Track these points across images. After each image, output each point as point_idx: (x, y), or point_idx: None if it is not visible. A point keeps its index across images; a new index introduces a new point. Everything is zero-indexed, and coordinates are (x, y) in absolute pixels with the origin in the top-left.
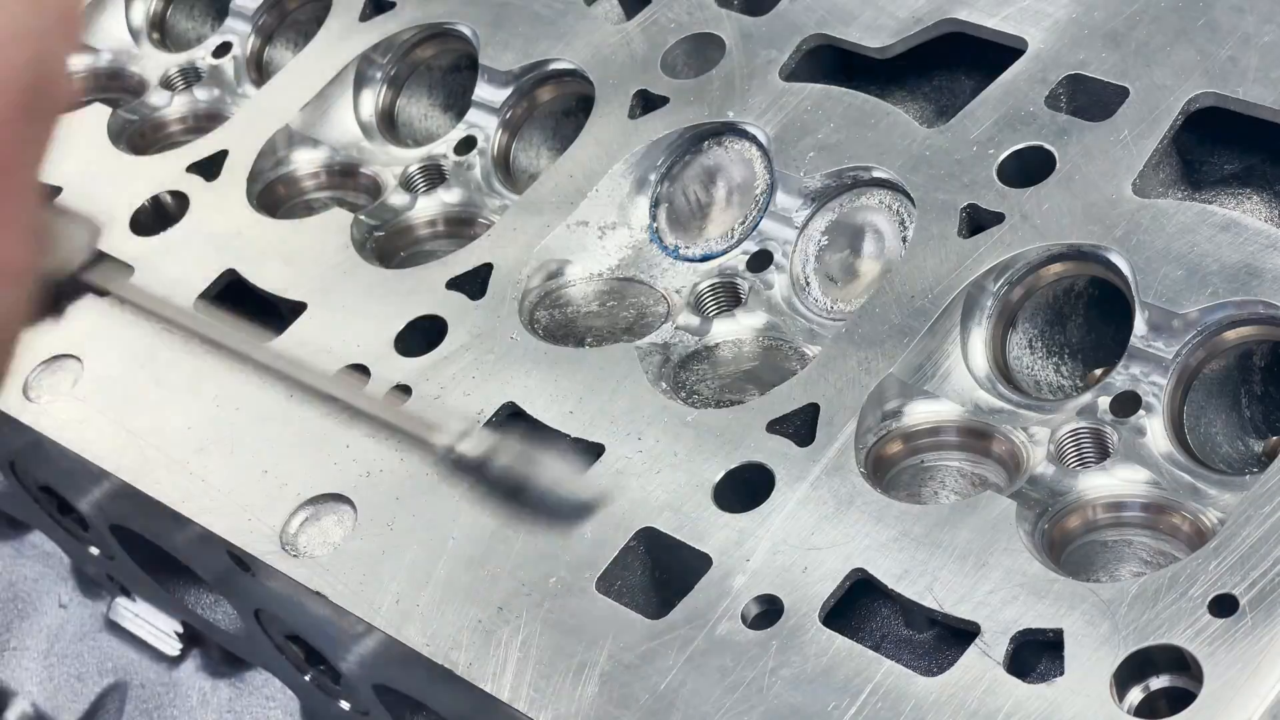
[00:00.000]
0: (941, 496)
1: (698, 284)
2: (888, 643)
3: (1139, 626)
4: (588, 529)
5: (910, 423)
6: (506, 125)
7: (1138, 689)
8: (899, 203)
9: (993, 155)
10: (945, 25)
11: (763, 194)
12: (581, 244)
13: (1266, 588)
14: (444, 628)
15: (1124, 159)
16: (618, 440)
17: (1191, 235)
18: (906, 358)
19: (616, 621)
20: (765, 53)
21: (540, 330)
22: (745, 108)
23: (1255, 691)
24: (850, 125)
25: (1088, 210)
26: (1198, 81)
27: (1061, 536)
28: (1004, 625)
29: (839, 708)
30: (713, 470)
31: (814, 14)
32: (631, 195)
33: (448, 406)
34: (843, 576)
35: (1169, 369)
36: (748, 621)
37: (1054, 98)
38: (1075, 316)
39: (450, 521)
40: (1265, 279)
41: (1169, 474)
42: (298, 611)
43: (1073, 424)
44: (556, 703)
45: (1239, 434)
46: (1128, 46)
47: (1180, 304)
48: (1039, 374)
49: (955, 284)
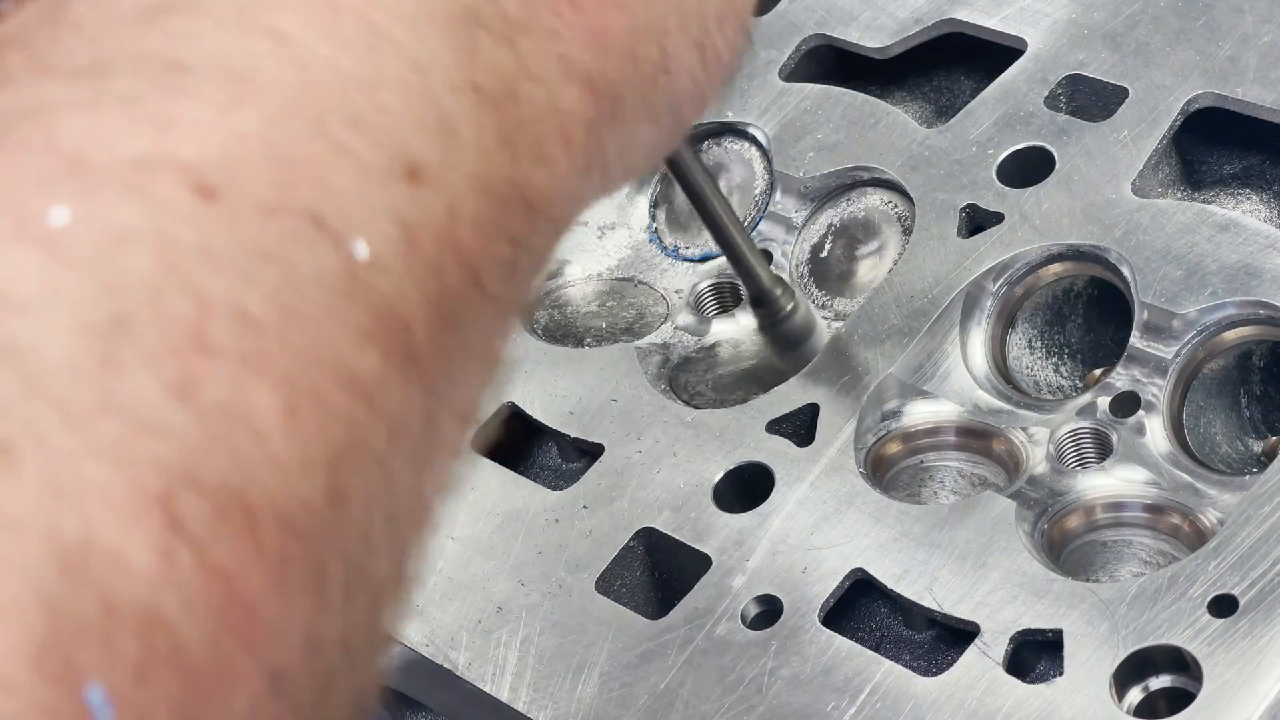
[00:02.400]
0: (941, 496)
1: (697, 284)
2: (887, 643)
3: (1138, 626)
4: (588, 528)
5: (910, 423)
6: None
7: (1137, 689)
8: (898, 203)
9: (992, 155)
10: (945, 25)
11: (762, 194)
12: (581, 244)
13: (1266, 588)
14: (443, 627)
15: (1123, 159)
16: (618, 440)
17: (1191, 235)
18: (906, 358)
19: (616, 621)
20: (765, 53)
21: (540, 330)
22: (745, 108)
23: (1255, 691)
24: (850, 125)
25: (1087, 210)
26: (1197, 81)
27: (1061, 536)
28: (1003, 625)
29: (839, 708)
30: (713, 470)
31: (814, 14)
32: (631, 195)
33: None
34: (842, 576)
35: (1169, 369)
36: (747, 621)
37: (1054, 98)
38: (1075, 316)
39: (450, 521)
40: (1265, 279)
41: (1169, 474)
42: None
43: (1072, 424)
44: (556, 703)
45: (1239, 434)
46: (1127, 46)
47: (1180, 304)
48: (1038, 374)
49: (955, 284)
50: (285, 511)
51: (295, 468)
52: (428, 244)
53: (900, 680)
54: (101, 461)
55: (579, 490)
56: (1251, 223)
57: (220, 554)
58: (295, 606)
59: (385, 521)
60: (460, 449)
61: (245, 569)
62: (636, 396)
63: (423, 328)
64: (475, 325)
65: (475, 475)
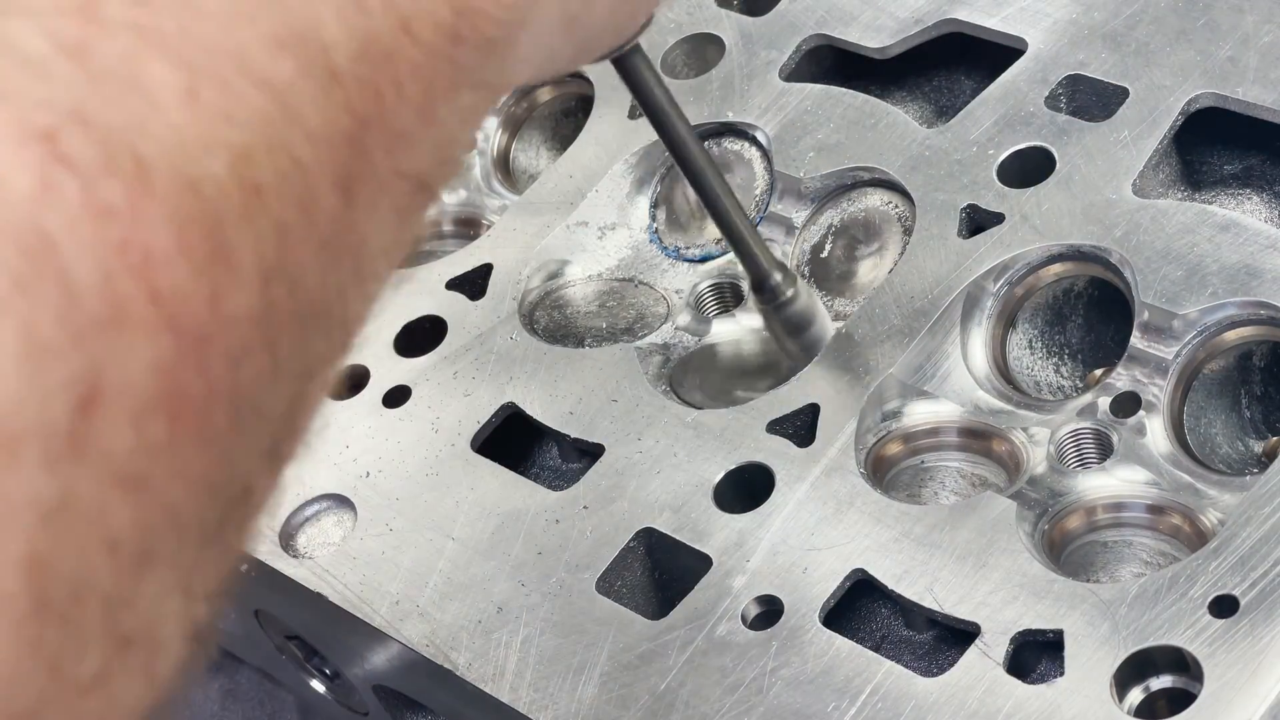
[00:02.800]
0: (941, 497)
1: (698, 284)
2: (888, 643)
3: (1139, 627)
4: (588, 528)
5: (910, 423)
6: (506, 125)
7: (1138, 689)
8: (898, 203)
9: (992, 155)
10: (945, 25)
11: (762, 194)
12: (581, 244)
13: (1266, 588)
14: (443, 627)
15: (1124, 159)
16: (618, 440)
17: (1191, 235)
18: (906, 358)
19: (616, 622)
20: (765, 53)
21: (540, 330)
22: (745, 108)
23: (1255, 692)
24: (850, 125)
25: (1087, 210)
26: (1198, 81)
27: (1061, 537)
28: (1004, 626)
29: (839, 708)
30: (713, 470)
31: (814, 14)
32: (631, 195)
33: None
34: (843, 577)
35: (1169, 369)
36: (748, 622)
37: (1054, 98)
38: (1075, 317)
39: (450, 522)
40: (1265, 279)
41: (1169, 474)
42: (297, 611)
43: (1073, 424)
44: (556, 703)
45: (1239, 434)
46: (1127, 46)
47: (1180, 304)
48: (1039, 374)
49: (955, 284)
50: (185, 174)
51: (196, 143)
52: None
53: (901, 681)
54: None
55: (579, 490)
56: (1252, 223)
57: (109, 194)
58: (200, 273)
59: (315, 246)
60: (406, 214)
61: (140, 216)
62: (636, 397)
63: (344, 55)
64: (413, 79)
65: (475, 475)
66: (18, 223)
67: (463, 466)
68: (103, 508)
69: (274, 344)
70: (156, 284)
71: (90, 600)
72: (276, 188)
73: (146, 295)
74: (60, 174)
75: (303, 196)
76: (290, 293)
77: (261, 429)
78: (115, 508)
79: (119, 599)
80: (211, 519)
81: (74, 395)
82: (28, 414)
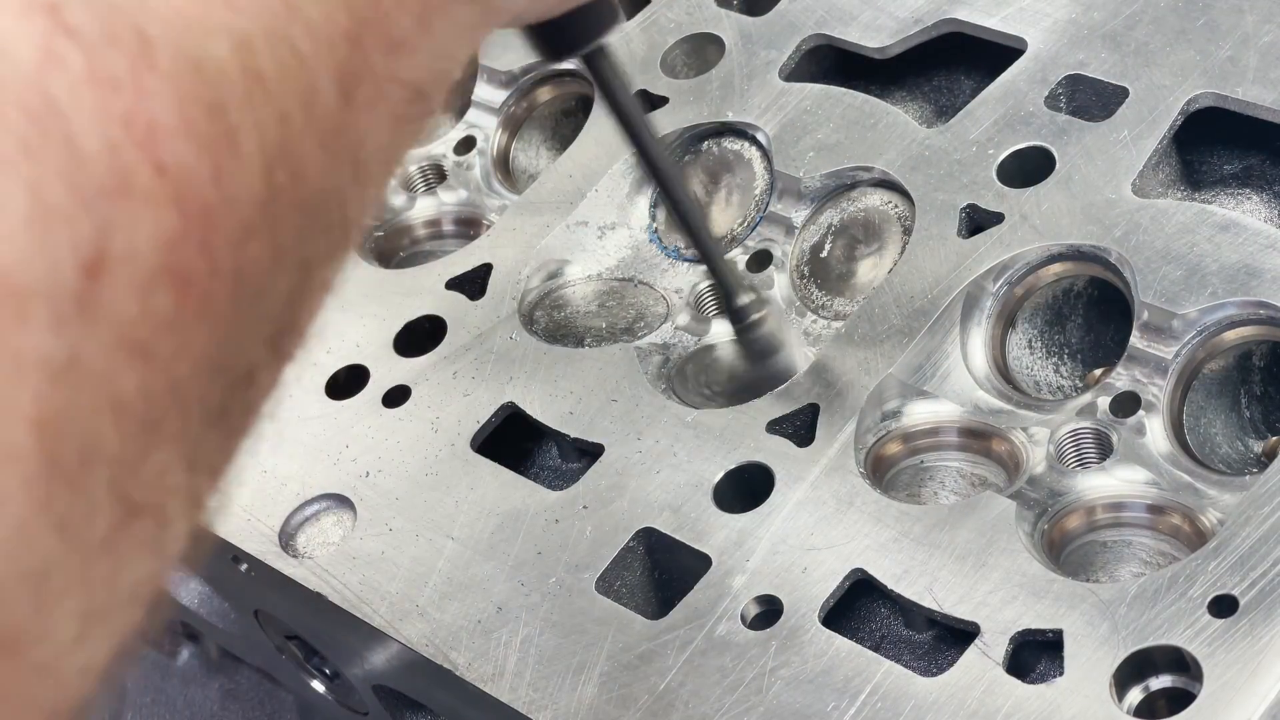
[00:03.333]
0: (941, 497)
1: (697, 284)
2: (887, 643)
3: (1139, 627)
4: (588, 528)
5: (910, 423)
6: (506, 125)
7: (1137, 689)
8: (898, 203)
9: (992, 155)
10: (945, 25)
11: (762, 194)
12: (581, 244)
13: (1266, 588)
14: (443, 627)
15: (1123, 159)
16: (618, 440)
17: (1191, 235)
18: (906, 358)
19: (616, 621)
20: (764, 53)
21: (540, 330)
22: (745, 108)
23: (1255, 691)
24: (850, 125)
25: (1087, 210)
26: (1197, 81)
27: (1061, 537)
28: (1003, 625)
29: (838, 708)
30: (713, 470)
31: (813, 14)
32: (631, 195)
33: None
34: (842, 577)
35: (1169, 369)
36: (747, 622)
37: (1053, 98)
38: (1075, 317)
39: (450, 522)
40: (1265, 279)
41: (1169, 474)
42: (297, 611)
43: (1072, 424)
44: (556, 703)
45: (1239, 434)
46: (1127, 46)
47: (1180, 304)
48: (1038, 374)
49: (955, 284)
50: (188, 54)
51: (198, 25)
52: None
53: (900, 680)
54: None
55: (579, 490)
56: (1251, 223)
57: (113, 65)
58: (204, 150)
59: (315, 140)
60: (403, 121)
61: (144, 90)
62: (636, 396)
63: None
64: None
65: (475, 475)
66: (23, 88)
67: (462, 466)
68: (109, 372)
69: (275, 230)
70: (161, 157)
71: (98, 464)
72: (278, 77)
73: (151, 167)
74: (64, 44)
75: (303, 90)
76: (291, 182)
77: (263, 314)
78: (121, 374)
79: (126, 466)
80: (215, 399)
81: (81, 258)
82: (36, 273)
